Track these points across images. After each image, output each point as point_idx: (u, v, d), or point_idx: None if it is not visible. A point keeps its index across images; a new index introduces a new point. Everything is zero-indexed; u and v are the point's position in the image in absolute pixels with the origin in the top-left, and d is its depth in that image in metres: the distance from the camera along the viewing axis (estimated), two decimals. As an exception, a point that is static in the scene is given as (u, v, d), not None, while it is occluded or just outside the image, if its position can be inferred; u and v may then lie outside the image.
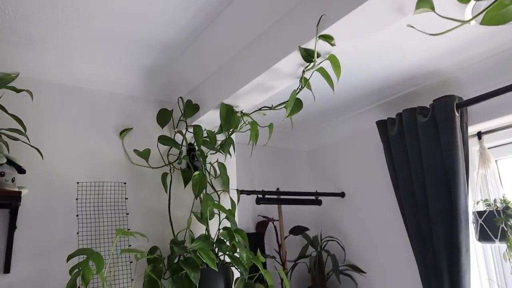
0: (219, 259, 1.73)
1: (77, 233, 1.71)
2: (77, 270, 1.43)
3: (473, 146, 2.25)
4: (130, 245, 1.80)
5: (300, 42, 1.31)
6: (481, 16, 0.99)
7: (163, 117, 2.01)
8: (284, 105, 1.48)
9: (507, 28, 1.79)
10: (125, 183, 1.88)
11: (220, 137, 1.90)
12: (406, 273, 2.43)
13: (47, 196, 1.69)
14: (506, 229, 1.93)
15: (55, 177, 1.73)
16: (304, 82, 1.41)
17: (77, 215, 1.73)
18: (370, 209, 2.76)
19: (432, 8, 1.04)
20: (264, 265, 2.59)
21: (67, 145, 1.79)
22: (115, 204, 1.83)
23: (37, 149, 1.55)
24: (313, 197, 2.86)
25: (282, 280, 2.43)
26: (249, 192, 2.49)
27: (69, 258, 1.45)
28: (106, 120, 1.92)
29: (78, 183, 1.77)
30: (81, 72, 1.89)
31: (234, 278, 1.73)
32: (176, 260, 1.69)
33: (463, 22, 1.01)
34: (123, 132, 1.93)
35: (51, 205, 1.69)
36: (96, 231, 1.75)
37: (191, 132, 1.88)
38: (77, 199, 1.75)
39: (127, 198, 1.87)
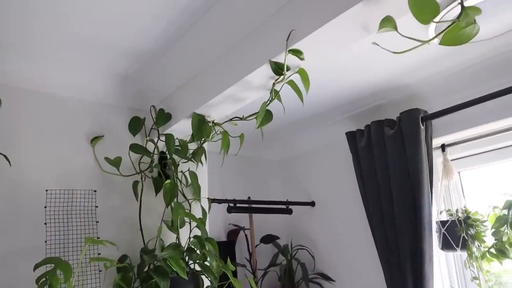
0: (189, 267, 1.74)
1: (45, 241, 1.69)
2: (44, 279, 1.41)
3: (437, 158, 2.34)
4: (100, 254, 1.78)
5: (270, 56, 1.35)
6: (441, 36, 1.06)
7: (135, 125, 2.00)
8: (255, 116, 1.52)
9: (468, 46, 1.89)
10: (95, 191, 1.87)
11: (192, 146, 1.92)
12: (372, 280, 2.49)
13: (15, 203, 1.66)
14: (467, 238, 2.01)
15: (24, 184, 1.70)
16: (275, 94, 1.45)
17: (45, 223, 1.71)
18: (339, 218, 2.82)
19: (395, 28, 1.10)
20: (235, 273, 2.60)
21: (37, 152, 1.77)
22: (85, 212, 1.82)
23: (4, 156, 1.53)
24: (284, 206, 2.90)
25: (252, 288, 2.45)
26: (220, 201, 2.50)
27: (36, 267, 1.43)
28: (77, 127, 1.91)
29: (47, 190, 1.75)
30: (52, 78, 1.87)
31: (204, 287, 1.74)
32: (146, 269, 1.69)
33: (423, 42, 1.08)
34: (94, 140, 1.92)
35: (18, 213, 1.66)
36: (65, 240, 1.73)
37: (163, 141, 1.89)
38: (45, 207, 1.73)
39: (97, 206, 1.86)
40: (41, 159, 1.78)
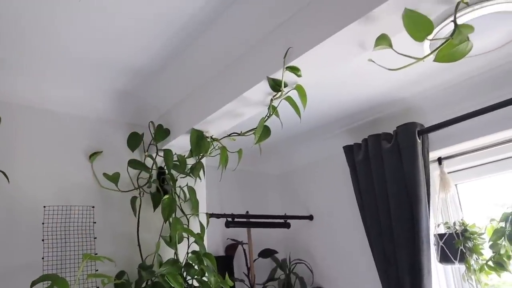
0: (187, 283, 1.73)
1: (42, 258, 1.68)
2: (41, 296, 1.41)
3: (434, 171, 2.35)
4: (97, 270, 1.78)
5: (268, 73, 1.37)
6: (435, 53, 1.08)
7: (134, 140, 2.01)
8: (253, 131, 1.53)
9: (464, 61, 1.91)
10: (93, 207, 1.87)
11: (191, 161, 1.92)
12: (372, 294, 2.48)
13: (12, 219, 1.66)
14: (464, 251, 2.02)
15: (21, 200, 1.70)
16: (272, 110, 1.46)
17: (42, 240, 1.70)
18: (337, 231, 2.81)
19: (390, 46, 1.12)
20: (233, 288, 2.59)
21: (34, 168, 1.78)
22: (83, 228, 1.81)
23: (3, 172, 1.53)
24: (282, 220, 2.89)
25: (250, 303, 2.44)
26: (218, 216, 2.50)
27: (33, 284, 1.42)
28: (75, 143, 1.92)
29: (44, 207, 1.75)
30: (49, 95, 1.88)
31: (203, 303, 1.73)
32: (144, 285, 1.69)
33: (418, 59, 1.10)
34: (93, 156, 1.93)
35: (15, 229, 1.66)
36: (62, 256, 1.72)
37: (161, 156, 1.90)
38: (43, 223, 1.72)
39: (95, 222, 1.85)
40: (39, 175, 1.78)
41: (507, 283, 2.15)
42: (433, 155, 2.32)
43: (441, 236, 2.10)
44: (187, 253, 1.79)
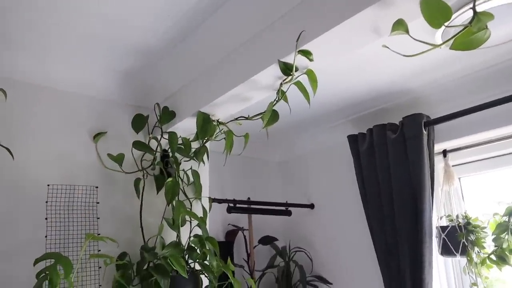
0: (189, 266, 1.73)
1: (46, 236, 1.68)
2: (44, 274, 1.40)
3: (439, 163, 2.34)
4: (100, 250, 1.78)
5: (279, 56, 1.35)
6: (451, 41, 1.06)
7: (139, 122, 2.00)
8: (261, 116, 1.51)
9: (473, 52, 1.89)
10: (97, 187, 1.86)
11: (195, 145, 1.91)
12: (370, 284, 2.49)
13: (16, 197, 1.65)
14: (466, 244, 2.02)
15: (25, 178, 1.69)
16: (281, 94, 1.44)
17: (46, 218, 1.70)
18: (338, 221, 2.81)
19: (407, 31, 1.10)
20: (233, 274, 2.59)
21: (39, 146, 1.76)
22: (86, 208, 1.81)
23: (7, 148, 1.52)
24: (283, 208, 2.89)
25: (250, 289, 2.45)
26: (220, 201, 2.50)
27: (36, 262, 1.42)
28: (80, 123, 1.90)
29: (48, 185, 1.74)
30: (56, 73, 1.86)
31: (203, 286, 1.73)
32: (146, 267, 1.68)
33: (435, 46, 1.08)
34: (97, 136, 1.91)
35: (19, 207, 1.65)
36: (65, 235, 1.72)
37: (166, 139, 1.89)
38: (47, 202, 1.72)
39: (98, 203, 1.85)
40: (43, 154, 1.77)
41: (501, 280, 2.16)
42: (438, 147, 2.30)
43: (443, 228, 2.10)
44: (190, 236, 1.79)
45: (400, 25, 1.07)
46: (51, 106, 1.84)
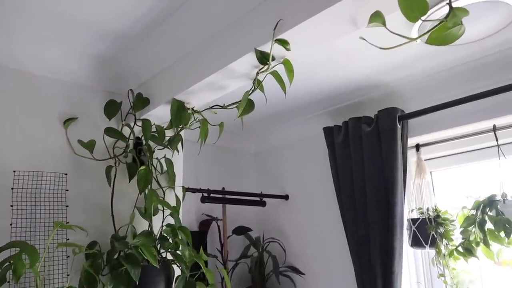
0: (161, 256, 1.71)
1: (11, 224, 1.62)
2: (7, 263, 1.36)
3: (411, 157, 2.38)
4: (68, 239, 1.73)
5: (256, 44, 1.33)
6: (427, 35, 1.06)
7: (111, 108, 1.94)
8: (236, 105, 1.50)
9: (449, 49, 1.92)
10: (66, 174, 1.81)
11: (169, 133, 1.88)
12: (342, 275, 2.52)
13: (-21, 183, 1.59)
14: (436, 236, 2.06)
15: (-10, 164, 1.63)
16: (257, 84, 1.43)
17: (11, 206, 1.64)
18: (312, 212, 2.83)
19: (384, 24, 1.09)
20: (206, 264, 2.58)
21: (4, 131, 1.69)
22: (54, 195, 1.76)
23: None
24: (258, 198, 2.89)
25: (223, 279, 2.45)
26: (194, 190, 2.48)
27: (0, 250, 1.38)
28: (49, 107, 1.84)
29: (14, 171, 1.68)
30: (24, 55, 1.79)
31: (175, 276, 1.72)
32: (116, 256, 1.65)
33: (411, 39, 1.08)
34: (67, 121, 1.85)
35: (-18, 194, 1.59)
36: (32, 223, 1.67)
37: (139, 126, 1.85)
38: (12, 188, 1.66)
39: (67, 190, 1.80)
40: (9, 138, 1.70)
41: (466, 270, 2.22)
42: (411, 141, 2.34)
43: (414, 221, 2.14)
44: (162, 225, 1.76)
45: (377, 17, 1.07)
46: (18, 90, 1.77)
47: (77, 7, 1.54)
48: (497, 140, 2.03)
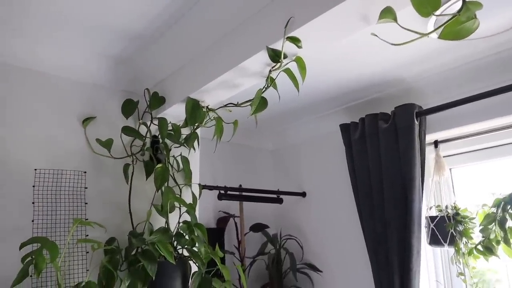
0: (177, 252, 1.73)
1: (32, 221, 1.67)
2: (29, 258, 1.40)
3: (430, 153, 2.34)
4: (87, 235, 1.77)
5: (268, 42, 1.34)
6: (440, 30, 1.05)
7: (128, 107, 1.98)
8: (250, 102, 1.50)
9: (467, 44, 1.88)
10: (85, 172, 1.85)
11: (185, 131, 1.90)
12: (360, 272, 2.51)
13: (2, 182, 1.64)
14: (455, 234, 2.03)
15: (12, 162, 1.68)
16: (270, 81, 1.43)
17: (33, 203, 1.69)
18: (329, 209, 2.82)
19: (395, 19, 1.08)
20: (223, 260, 2.61)
21: (26, 130, 1.75)
22: (74, 193, 1.80)
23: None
24: (275, 196, 2.90)
25: (240, 276, 2.46)
26: (211, 187, 2.50)
27: (22, 246, 1.42)
28: (69, 107, 1.88)
29: (36, 170, 1.73)
30: (45, 57, 1.84)
31: (192, 272, 1.74)
32: (133, 252, 1.69)
33: (423, 34, 1.07)
34: (86, 121, 1.90)
35: (5, 191, 1.64)
36: (52, 220, 1.71)
37: (155, 125, 1.88)
38: (34, 186, 1.71)
39: (86, 188, 1.84)
40: (31, 138, 1.75)
41: (492, 269, 2.18)
42: (429, 137, 2.31)
43: (432, 218, 2.11)
44: (178, 222, 1.79)
45: (388, 13, 1.06)
46: (39, 90, 1.82)
47: (93, 10, 1.57)
48: (517, 136, 1.98)
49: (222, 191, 2.56)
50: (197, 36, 1.68)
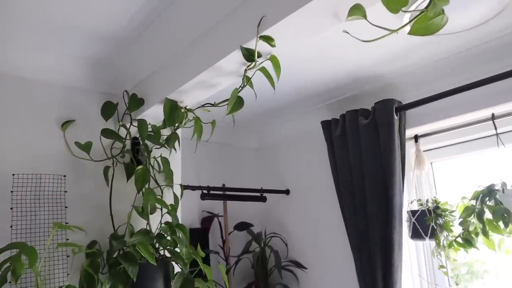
0: (159, 253, 1.73)
1: (11, 226, 1.65)
2: (7, 264, 1.39)
3: (410, 148, 2.37)
4: (68, 239, 1.76)
5: (241, 42, 1.34)
6: (409, 26, 1.06)
7: (108, 110, 1.96)
8: (226, 102, 1.50)
9: (444, 38, 1.90)
10: (64, 176, 1.84)
11: (166, 132, 1.89)
12: (344, 268, 2.53)
13: (-21, 187, 1.62)
14: (435, 228, 2.06)
15: (-12, 168, 1.66)
16: (247, 80, 1.44)
17: (11, 208, 1.67)
18: (312, 206, 2.84)
19: (364, 16, 1.09)
20: (208, 260, 2.61)
21: (3, 135, 1.73)
22: (54, 197, 1.78)
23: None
24: (258, 194, 2.90)
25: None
26: (194, 188, 2.49)
27: (0, 252, 1.41)
28: (46, 111, 1.87)
29: (14, 175, 1.71)
30: (20, 61, 1.82)
31: (175, 273, 1.74)
32: (115, 255, 1.68)
33: (392, 31, 1.08)
34: (65, 124, 1.88)
35: (-18, 197, 1.62)
36: (31, 225, 1.70)
37: (135, 126, 1.87)
38: (12, 191, 1.69)
39: (66, 191, 1.83)
40: (8, 142, 1.73)
41: (480, 261, 2.21)
42: (409, 132, 2.33)
43: (413, 212, 2.13)
44: (160, 223, 1.78)
45: (357, 10, 1.07)
46: (15, 94, 1.80)
47: (69, 11, 1.56)
48: (496, 128, 2.01)
49: (205, 191, 2.56)
50: (173, 36, 1.68)
